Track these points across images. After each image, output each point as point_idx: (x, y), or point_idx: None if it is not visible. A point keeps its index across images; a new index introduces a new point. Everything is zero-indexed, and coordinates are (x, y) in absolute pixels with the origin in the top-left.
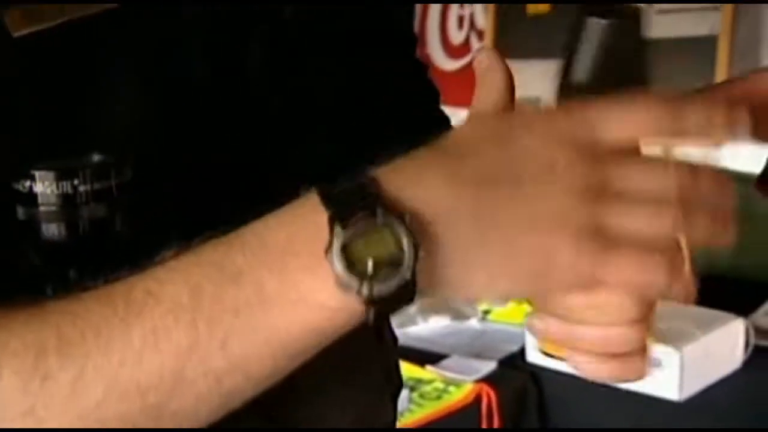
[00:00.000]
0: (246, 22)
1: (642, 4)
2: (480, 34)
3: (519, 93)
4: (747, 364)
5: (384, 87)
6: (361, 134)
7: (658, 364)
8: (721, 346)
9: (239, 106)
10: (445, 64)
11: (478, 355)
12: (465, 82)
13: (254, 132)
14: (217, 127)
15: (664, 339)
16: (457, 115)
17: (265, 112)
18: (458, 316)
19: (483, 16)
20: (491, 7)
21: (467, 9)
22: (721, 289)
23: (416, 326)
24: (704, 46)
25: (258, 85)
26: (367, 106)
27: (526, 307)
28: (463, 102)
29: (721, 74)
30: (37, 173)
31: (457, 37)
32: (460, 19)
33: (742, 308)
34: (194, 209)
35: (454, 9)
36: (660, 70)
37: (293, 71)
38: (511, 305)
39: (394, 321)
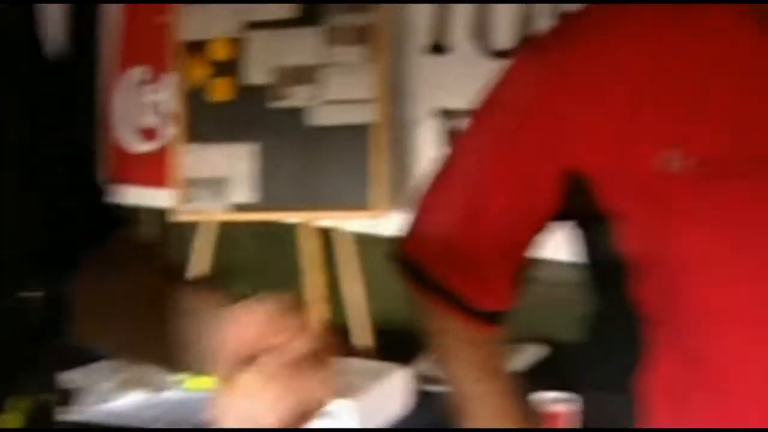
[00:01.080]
0: None
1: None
2: (171, 118)
3: (207, 173)
4: (416, 407)
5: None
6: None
7: (334, 416)
8: (390, 394)
9: None
10: (138, 146)
11: (177, 424)
12: (156, 163)
13: None
14: None
15: (340, 393)
16: (147, 195)
17: None
18: (154, 388)
19: (173, 101)
20: (181, 92)
21: (160, 94)
22: (387, 341)
23: (113, 403)
24: (357, 132)
25: None
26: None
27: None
28: (154, 182)
29: (376, 158)
30: None
31: (149, 120)
32: (152, 104)
33: (407, 357)
34: None
35: (147, 94)
36: (323, 155)
37: None
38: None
39: (90, 399)
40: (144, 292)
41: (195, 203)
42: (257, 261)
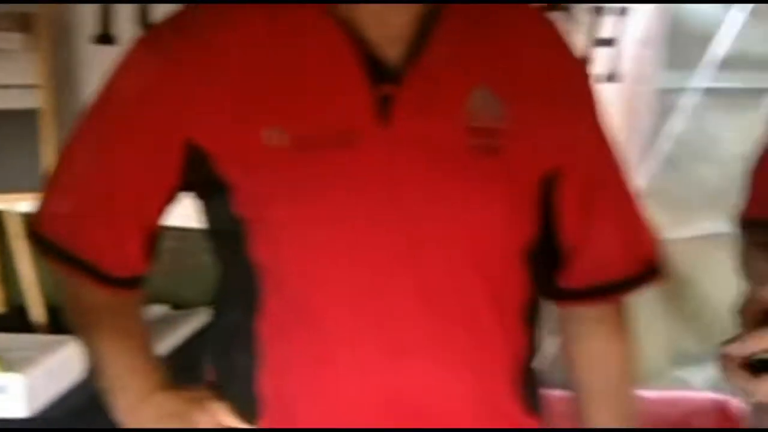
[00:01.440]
0: None
1: None
2: None
3: None
4: (89, 376)
5: None
6: None
7: (3, 390)
8: (61, 366)
9: None
10: None
11: None
12: None
13: None
14: None
15: (10, 367)
16: None
17: None
18: None
19: None
20: None
21: None
22: (61, 317)
23: None
24: (28, 118)
25: None
26: None
27: None
28: None
29: (45, 144)
30: None
31: None
32: None
33: None
34: None
35: None
36: None
37: None
38: None
39: None
40: None
41: None
42: None
